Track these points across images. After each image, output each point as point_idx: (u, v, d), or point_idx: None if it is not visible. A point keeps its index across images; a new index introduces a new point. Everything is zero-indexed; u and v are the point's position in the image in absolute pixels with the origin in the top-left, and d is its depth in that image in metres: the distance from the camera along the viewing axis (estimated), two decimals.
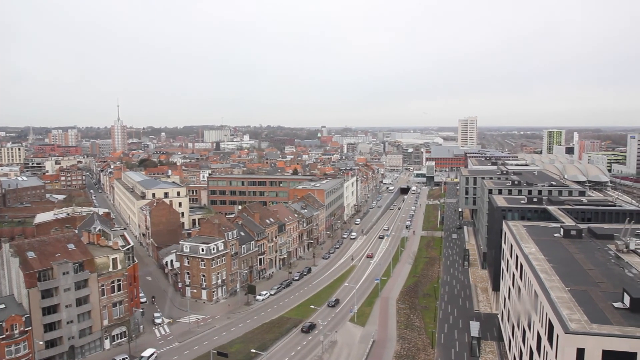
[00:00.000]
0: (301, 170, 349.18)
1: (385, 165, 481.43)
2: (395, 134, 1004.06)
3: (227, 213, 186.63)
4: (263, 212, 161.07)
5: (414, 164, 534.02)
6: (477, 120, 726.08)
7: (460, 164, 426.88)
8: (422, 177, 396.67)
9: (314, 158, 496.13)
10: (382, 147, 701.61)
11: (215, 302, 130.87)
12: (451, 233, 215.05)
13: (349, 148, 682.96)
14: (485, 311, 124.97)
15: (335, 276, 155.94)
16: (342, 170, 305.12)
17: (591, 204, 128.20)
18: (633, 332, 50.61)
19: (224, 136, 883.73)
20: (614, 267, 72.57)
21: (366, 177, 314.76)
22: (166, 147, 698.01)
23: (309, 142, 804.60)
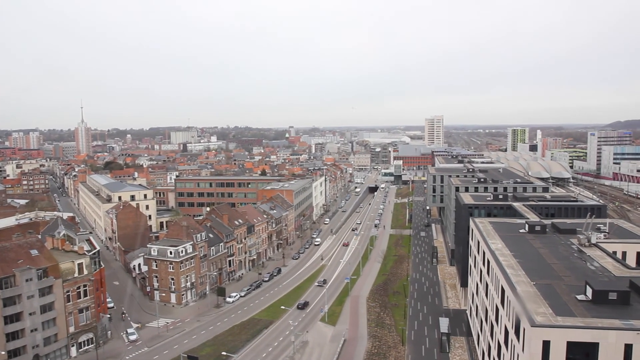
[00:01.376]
0: (269, 170, 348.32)
1: (353, 165, 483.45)
2: (363, 134, 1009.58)
3: (195, 215, 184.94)
4: (232, 214, 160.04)
5: (381, 163, 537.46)
6: (443, 119, 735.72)
7: (427, 162, 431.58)
8: (390, 176, 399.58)
9: (282, 158, 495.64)
10: (350, 147, 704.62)
11: (185, 305, 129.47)
12: (419, 231, 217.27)
13: (317, 148, 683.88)
14: (454, 307, 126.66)
15: (305, 276, 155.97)
16: (311, 171, 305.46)
17: (554, 200, 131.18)
18: (595, 323, 52.06)
19: (191, 137, 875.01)
20: (577, 261, 74.44)
21: (335, 177, 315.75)
22: (132, 149, 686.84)
23: (277, 143, 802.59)
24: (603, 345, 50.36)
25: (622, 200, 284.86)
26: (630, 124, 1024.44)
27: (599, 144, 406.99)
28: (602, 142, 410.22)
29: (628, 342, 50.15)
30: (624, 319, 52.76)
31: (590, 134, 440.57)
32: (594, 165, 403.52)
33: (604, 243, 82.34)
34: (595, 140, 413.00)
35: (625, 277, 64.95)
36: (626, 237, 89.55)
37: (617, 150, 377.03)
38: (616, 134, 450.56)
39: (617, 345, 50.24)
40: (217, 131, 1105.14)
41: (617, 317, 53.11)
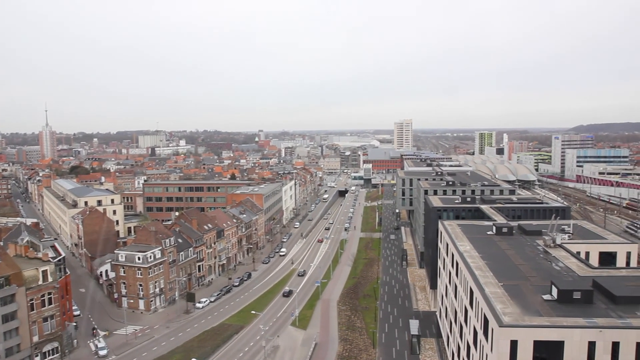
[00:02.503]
0: (239, 175, 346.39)
1: (323, 169, 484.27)
2: (332, 137, 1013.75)
3: (164, 220, 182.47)
4: (201, 218, 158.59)
5: (351, 166, 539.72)
6: (412, 123, 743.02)
7: (396, 165, 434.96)
8: (359, 179, 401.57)
9: (252, 162, 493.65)
10: (320, 151, 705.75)
11: (154, 311, 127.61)
12: (389, 234, 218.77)
13: (287, 152, 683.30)
14: (424, 309, 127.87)
15: (276, 280, 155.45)
16: (281, 174, 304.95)
17: (521, 202, 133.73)
18: (560, 322, 53.27)
19: (159, 141, 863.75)
20: (543, 262, 76.05)
21: (304, 181, 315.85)
22: (99, 154, 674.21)
23: (246, 147, 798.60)
24: (568, 344, 51.58)
25: (585, 202, 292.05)
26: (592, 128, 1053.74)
27: (562, 148, 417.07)
28: (566, 146, 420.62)
29: (591, 340, 51.48)
30: (588, 317, 54.12)
31: (554, 138, 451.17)
32: (558, 168, 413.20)
33: (568, 244, 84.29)
34: (560, 143, 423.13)
35: (588, 277, 66.64)
36: (589, 237, 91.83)
37: (580, 154, 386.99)
38: (579, 138, 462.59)
39: (581, 343, 51.53)
40: (186, 135, 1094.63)
41: (581, 316, 54.45)
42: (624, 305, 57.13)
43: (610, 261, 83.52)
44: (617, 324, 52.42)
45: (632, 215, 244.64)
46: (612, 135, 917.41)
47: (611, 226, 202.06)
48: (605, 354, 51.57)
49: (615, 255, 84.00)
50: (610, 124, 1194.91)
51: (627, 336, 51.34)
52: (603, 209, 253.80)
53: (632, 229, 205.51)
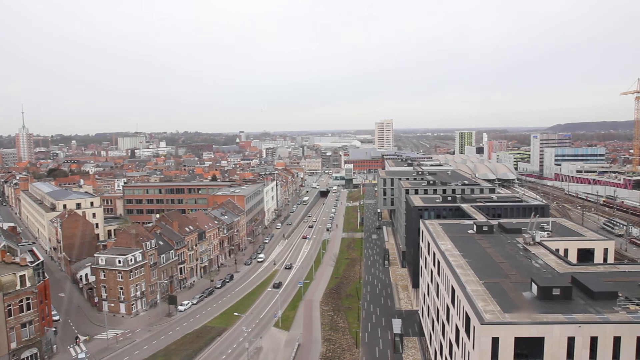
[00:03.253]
0: (220, 176, 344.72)
1: (304, 169, 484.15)
2: (313, 138, 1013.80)
3: (144, 222, 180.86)
4: (182, 220, 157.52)
5: (333, 167, 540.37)
6: (392, 123, 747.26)
7: (377, 165, 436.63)
8: (341, 179, 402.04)
9: (233, 164, 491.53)
10: (301, 151, 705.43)
11: (135, 315, 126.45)
12: (371, 234, 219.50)
13: (268, 153, 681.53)
14: (406, 308, 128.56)
15: (258, 282, 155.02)
16: (262, 175, 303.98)
17: (500, 201, 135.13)
18: (540, 318, 54.07)
19: (139, 143, 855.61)
20: (523, 259, 77.03)
21: (286, 182, 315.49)
22: (77, 156, 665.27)
23: (227, 148, 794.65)
24: (548, 339, 52.38)
25: (563, 200, 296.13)
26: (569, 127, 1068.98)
27: (541, 146, 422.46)
28: (544, 145, 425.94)
29: (570, 335, 52.36)
30: (567, 313, 55.00)
31: (533, 137, 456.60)
32: (537, 166, 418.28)
33: (548, 241, 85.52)
34: (538, 142, 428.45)
35: (567, 273, 67.69)
36: (567, 235, 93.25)
37: (558, 152, 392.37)
38: (557, 137, 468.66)
39: (560, 339, 52.37)
40: (166, 136, 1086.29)
41: (560, 312, 55.33)
42: (601, 300, 58.17)
43: (588, 258, 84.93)
44: (595, 319, 53.40)
45: (609, 212, 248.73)
46: (589, 134, 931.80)
47: (589, 223, 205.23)
48: (584, 348, 52.50)
49: (593, 251, 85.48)
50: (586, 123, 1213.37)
51: (605, 331, 52.32)
52: (581, 206, 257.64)
53: (609, 226, 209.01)
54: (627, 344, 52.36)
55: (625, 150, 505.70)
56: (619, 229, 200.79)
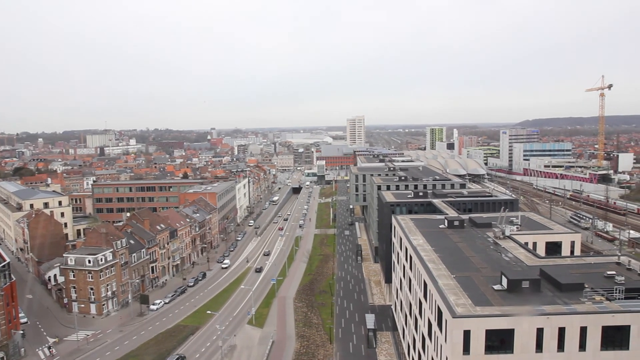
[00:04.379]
0: (191, 173, 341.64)
1: (276, 166, 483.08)
2: (285, 135, 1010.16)
3: (114, 221, 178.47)
4: (153, 218, 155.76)
5: (305, 163, 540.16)
6: (364, 119, 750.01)
7: (349, 162, 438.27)
8: (313, 176, 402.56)
9: (205, 161, 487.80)
10: (273, 148, 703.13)
11: (106, 315, 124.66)
12: (344, 230, 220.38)
13: (239, 150, 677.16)
14: (379, 303, 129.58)
15: (231, 279, 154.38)
16: (234, 172, 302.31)
17: (471, 196, 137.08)
18: (510, 310, 55.15)
19: (108, 141, 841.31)
20: (493, 253, 78.38)
21: (258, 179, 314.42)
22: (44, 154, 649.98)
23: (198, 145, 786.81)
24: (518, 331, 53.48)
25: (531, 194, 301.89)
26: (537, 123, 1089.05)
27: (510, 142, 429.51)
28: (513, 140, 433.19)
29: (539, 327, 53.57)
30: (536, 305, 56.23)
31: (502, 133, 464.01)
32: (506, 161, 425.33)
33: (517, 235, 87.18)
34: (507, 138, 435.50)
35: (536, 266, 69.15)
36: (536, 228, 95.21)
37: (527, 148, 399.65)
38: (525, 132, 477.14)
39: (530, 330, 53.54)
40: (136, 134, 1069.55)
41: (529, 304, 56.52)
42: (568, 292, 59.63)
43: (556, 250, 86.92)
44: (563, 310, 54.74)
45: (576, 206, 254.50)
46: (556, 130, 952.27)
47: (556, 217, 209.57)
48: (552, 339, 53.77)
49: (561, 244, 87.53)
50: (554, 119, 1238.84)
51: (572, 321, 53.70)
52: (549, 200, 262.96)
53: (576, 219, 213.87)
54: (592, 334, 53.87)
55: (590, 146, 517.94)
56: (585, 222, 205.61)
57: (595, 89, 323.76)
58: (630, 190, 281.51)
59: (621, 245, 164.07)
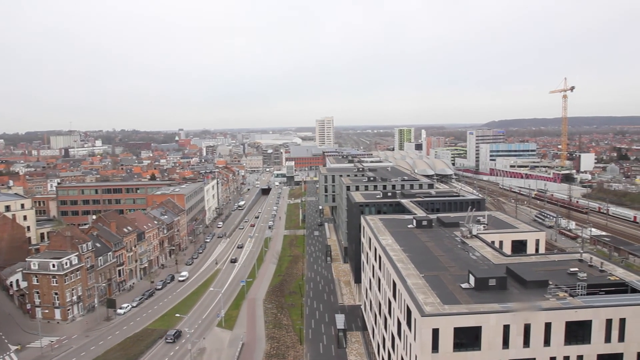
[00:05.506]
0: (159, 175, 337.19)
1: (245, 167, 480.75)
2: (254, 136, 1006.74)
3: (80, 224, 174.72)
4: (120, 221, 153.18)
5: (274, 164, 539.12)
6: (333, 120, 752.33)
7: (319, 162, 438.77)
8: (282, 177, 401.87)
9: (173, 162, 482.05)
10: (242, 149, 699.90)
11: (71, 320, 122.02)
12: (313, 230, 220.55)
13: (208, 151, 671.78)
14: (349, 303, 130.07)
15: (200, 282, 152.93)
16: (202, 174, 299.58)
17: (439, 196, 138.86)
18: (478, 308, 56.11)
19: (73, 142, 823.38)
20: (460, 252, 79.53)
21: (227, 180, 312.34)
22: (6, 155, 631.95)
23: (166, 146, 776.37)
24: (485, 328, 54.44)
25: (498, 194, 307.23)
26: (503, 124, 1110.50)
27: (477, 142, 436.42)
28: (480, 141, 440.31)
29: (506, 323, 54.66)
30: (502, 302, 57.31)
31: (469, 133, 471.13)
32: (473, 162, 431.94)
33: (484, 234, 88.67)
34: (474, 139, 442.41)
35: (502, 265, 70.48)
36: (502, 227, 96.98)
37: (493, 148, 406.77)
38: (492, 133, 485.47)
39: (497, 327, 54.56)
40: (102, 135, 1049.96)
41: (496, 302, 57.61)
42: (534, 289, 60.96)
43: (522, 248, 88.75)
44: (528, 307, 55.85)
45: (540, 205, 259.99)
46: (521, 130, 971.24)
47: (522, 216, 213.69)
48: (518, 335, 54.92)
49: (526, 243, 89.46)
50: (519, 120, 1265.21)
51: (537, 318, 54.93)
52: (514, 199, 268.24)
53: (540, 218, 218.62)
54: (557, 329, 55.23)
55: (554, 146, 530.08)
56: (549, 220, 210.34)
57: (558, 90, 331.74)
58: (591, 189, 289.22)
59: (583, 243, 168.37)
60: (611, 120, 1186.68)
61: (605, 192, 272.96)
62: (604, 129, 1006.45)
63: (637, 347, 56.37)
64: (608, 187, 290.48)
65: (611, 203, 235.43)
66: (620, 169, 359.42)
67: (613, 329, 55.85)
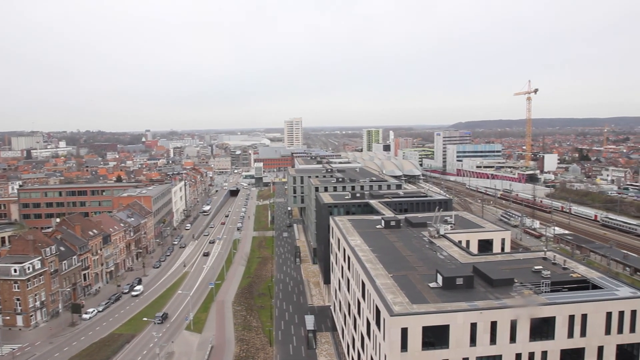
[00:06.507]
0: (125, 177, 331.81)
1: (214, 168, 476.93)
2: (222, 137, 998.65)
3: (43, 227, 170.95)
4: (85, 224, 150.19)
5: (242, 165, 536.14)
6: (302, 121, 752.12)
7: (287, 164, 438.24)
8: (251, 178, 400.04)
9: (139, 164, 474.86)
10: (209, 150, 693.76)
11: (34, 327, 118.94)
12: (282, 232, 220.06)
13: (175, 152, 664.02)
14: (318, 304, 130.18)
15: (168, 284, 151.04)
16: (170, 175, 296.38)
17: (407, 196, 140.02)
18: (445, 307, 56.83)
19: (36, 143, 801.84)
20: (428, 252, 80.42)
21: (195, 181, 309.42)
22: None
23: (132, 147, 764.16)
24: (453, 326, 55.18)
25: (464, 194, 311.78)
26: (469, 125, 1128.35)
27: (444, 143, 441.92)
28: (447, 142, 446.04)
29: (473, 322, 55.49)
30: (470, 301, 58.17)
31: (436, 134, 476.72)
32: (440, 162, 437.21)
33: (451, 234, 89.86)
34: (441, 139, 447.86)
35: (469, 264, 71.54)
36: (469, 227, 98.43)
37: (460, 149, 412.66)
38: (458, 134, 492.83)
39: (464, 325, 55.33)
40: (66, 136, 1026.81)
41: (463, 300, 58.43)
42: (500, 287, 62.08)
43: (488, 248, 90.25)
44: (495, 305, 56.90)
45: (506, 204, 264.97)
46: (487, 132, 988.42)
47: (488, 215, 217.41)
48: (485, 333, 55.81)
49: (492, 242, 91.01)
50: (485, 121, 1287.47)
51: (503, 315, 55.93)
52: (481, 199, 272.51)
53: (506, 217, 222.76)
54: (522, 326, 56.35)
55: (519, 147, 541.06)
56: (514, 220, 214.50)
57: (523, 92, 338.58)
58: (555, 189, 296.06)
59: (547, 241, 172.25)
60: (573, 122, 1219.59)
61: (567, 191, 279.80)
62: (566, 130, 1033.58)
63: (598, 341, 58.03)
64: (570, 187, 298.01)
65: (573, 202, 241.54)
66: (581, 169, 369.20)
67: (575, 325, 57.34)
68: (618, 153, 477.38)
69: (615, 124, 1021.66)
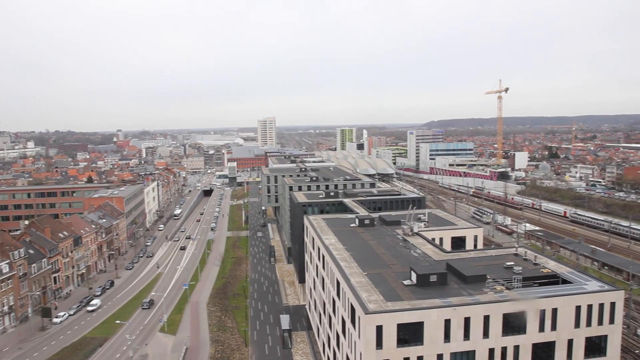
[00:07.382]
0: (97, 177, 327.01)
1: (187, 168, 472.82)
2: (195, 136, 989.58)
3: (11, 230, 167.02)
4: (55, 226, 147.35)
5: (215, 165, 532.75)
6: (275, 121, 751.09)
7: (261, 163, 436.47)
8: (224, 178, 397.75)
9: (111, 164, 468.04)
10: (182, 150, 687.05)
11: (2, 332, 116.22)
12: (256, 231, 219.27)
13: (148, 152, 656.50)
14: (293, 303, 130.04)
15: (141, 286, 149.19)
16: (142, 176, 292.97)
17: (381, 195, 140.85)
18: (420, 304, 57.34)
19: (3, 143, 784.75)
20: (402, 249, 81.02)
21: (168, 182, 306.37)
22: None
23: (104, 148, 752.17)
24: (427, 323, 55.71)
25: (437, 192, 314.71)
26: (442, 124, 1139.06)
27: (417, 142, 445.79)
28: (420, 140, 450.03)
29: (447, 318, 56.10)
30: (443, 297, 58.81)
31: (409, 133, 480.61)
32: (413, 161, 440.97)
33: (425, 231, 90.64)
34: (414, 138, 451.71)
35: (443, 261, 72.27)
36: (442, 224, 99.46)
37: (432, 147, 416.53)
38: (431, 133, 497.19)
39: (438, 322, 55.91)
40: (35, 136, 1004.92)
41: (437, 297, 59.05)
42: (473, 283, 62.85)
43: (461, 245, 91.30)
44: (468, 301, 57.60)
45: (478, 202, 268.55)
46: (459, 130, 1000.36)
47: (460, 213, 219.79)
48: (458, 329, 56.48)
49: (465, 239, 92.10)
50: (457, 120, 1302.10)
51: (476, 311, 56.67)
52: (453, 197, 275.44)
53: (478, 215, 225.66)
54: (495, 322, 57.17)
55: (490, 145, 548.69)
56: (486, 217, 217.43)
57: (494, 92, 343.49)
58: (525, 187, 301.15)
59: (518, 238, 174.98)
60: (542, 120, 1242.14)
61: (537, 188, 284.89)
62: (536, 128, 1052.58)
63: (567, 334, 59.26)
64: (540, 184, 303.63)
65: (543, 199, 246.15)
66: (551, 167, 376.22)
67: (546, 319, 58.45)
68: (586, 151, 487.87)
69: (583, 122, 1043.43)
